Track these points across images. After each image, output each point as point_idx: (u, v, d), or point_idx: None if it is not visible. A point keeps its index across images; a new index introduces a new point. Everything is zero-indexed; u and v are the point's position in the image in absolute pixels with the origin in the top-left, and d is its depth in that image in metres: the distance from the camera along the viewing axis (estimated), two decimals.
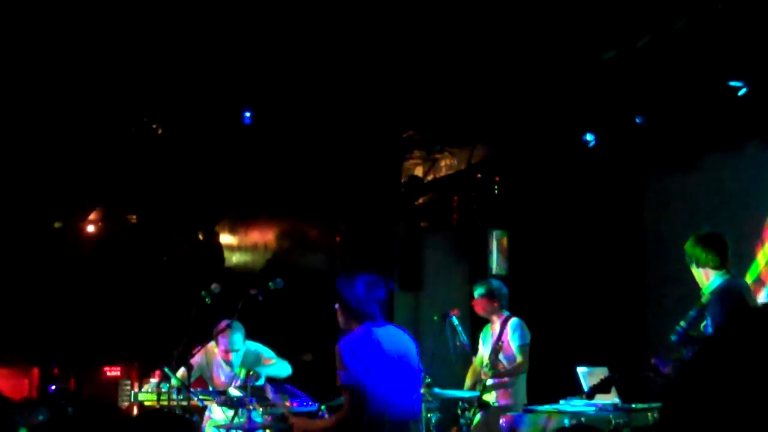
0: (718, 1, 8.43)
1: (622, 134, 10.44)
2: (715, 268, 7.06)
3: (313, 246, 14.53)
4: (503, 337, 9.58)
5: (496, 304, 9.70)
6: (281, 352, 9.67)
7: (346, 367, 5.89)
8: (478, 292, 9.78)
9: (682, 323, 6.98)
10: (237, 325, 9.13)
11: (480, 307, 9.80)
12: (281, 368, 9.41)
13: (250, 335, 9.63)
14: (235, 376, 9.37)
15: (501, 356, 9.50)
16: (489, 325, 9.88)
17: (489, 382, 9.48)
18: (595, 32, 9.34)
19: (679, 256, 7.22)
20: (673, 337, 7.00)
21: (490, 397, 9.52)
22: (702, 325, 6.97)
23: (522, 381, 9.65)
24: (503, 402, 9.51)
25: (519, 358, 9.43)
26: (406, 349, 6.27)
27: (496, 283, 9.97)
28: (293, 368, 9.48)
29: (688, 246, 7.22)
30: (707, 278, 7.08)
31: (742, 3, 8.32)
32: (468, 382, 9.83)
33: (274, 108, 11.72)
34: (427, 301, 12.86)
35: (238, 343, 9.34)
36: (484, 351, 9.82)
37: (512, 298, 9.85)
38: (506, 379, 9.52)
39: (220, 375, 9.50)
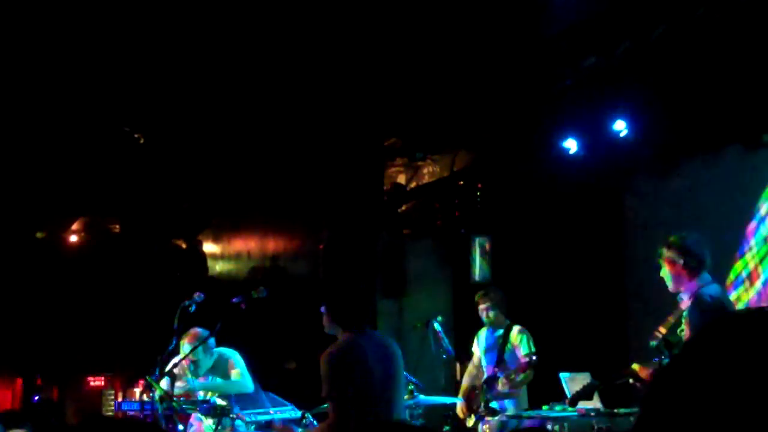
0: (697, 6, 8.48)
1: (603, 140, 10.48)
2: (691, 271, 7.01)
3: (297, 254, 14.54)
4: (512, 344, 9.61)
5: (501, 314, 9.77)
6: (265, 361, 9.65)
7: (331, 378, 5.91)
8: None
9: (662, 329, 6.98)
10: (201, 332, 9.08)
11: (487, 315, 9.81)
12: (239, 387, 9.23)
13: (233, 344, 9.61)
14: (199, 385, 9.28)
15: (510, 365, 9.53)
16: (486, 330, 9.89)
17: (498, 390, 9.49)
18: (575, 39, 9.39)
19: (658, 254, 7.22)
20: (653, 343, 6.99)
21: (497, 404, 9.53)
22: (680, 330, 6.95)
23: (524, 388, 9.70)
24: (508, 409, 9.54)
25: (527, 368, 9.42)
26: (391, 357, 6.30)
27: (500, 292, 10.00)
28: (277, 376, 9.46)
29: (664, 248, 7.14)
30: (684, 282, 7.02)
31: (721, 9, 8.37)
32: (465, 386, 9.84)
33: (256, 116, 11.73)
34: (410, 307, 12.87)
35: (202, 348, 9.19)
36: (482, 355, 9.85)
37: None
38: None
39: (188, 383, 9.43)
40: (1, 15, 9.43)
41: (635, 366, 7.11)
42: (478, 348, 10.03)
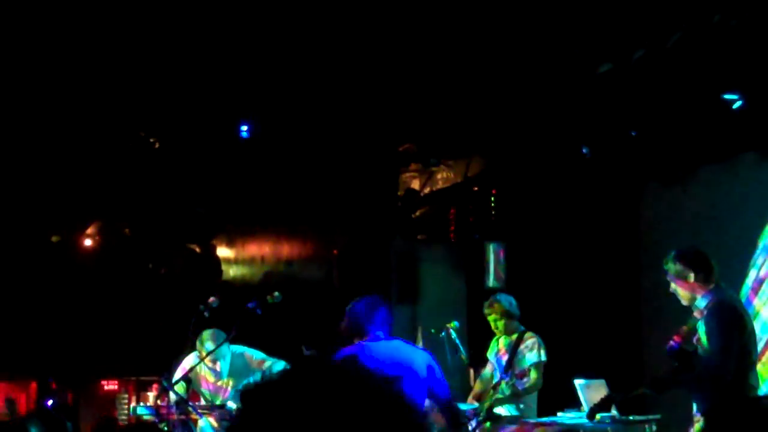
0: (713, 14, 8.47)
1: (618, 147, 10.48)
2: (704, 283, 7.02)
3: (311, 259, 14.55)
4: (521, 351, 9.58)
5: (512, 321, 9.72)
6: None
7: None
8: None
9: (676, 337, 6.98)
10: (217, 332, 9.09)
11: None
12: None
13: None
14: (221, 387, 9.31)
15: (517, 371, 9.51)
16: (500, 338, 9.86)
17: (501, 395, 9.46)
18: (590, 45, 9.38)
19: (665, 270, 7.21)
20: (668, 352, 7.00)
21: (502, 410, 9.50)
22: (695, 339, 6.96)
23: (533, 395, 9.67)
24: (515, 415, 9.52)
25: (534, 375, 9.39)
26: (409, 362, 6.34)
27: (509, 298, 9.95)
28: None
29: (671, 264, 7.15)
30: (697, 294, 7.03)
31: (737, 16, 8.36)
32: (476, 390, 9.83)
33: (271, 122, 11.74)
34: (424, 313, 12.86)
35: (220, 349, 9.21)
36: (494, 361, 9.82)
37: None
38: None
39: (207, 385, 9.45)
40: (17, 18, 9.46)
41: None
42: (492, 354, 10.00)
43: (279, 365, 9.35)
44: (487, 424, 9.23)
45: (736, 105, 9.24)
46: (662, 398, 7.97)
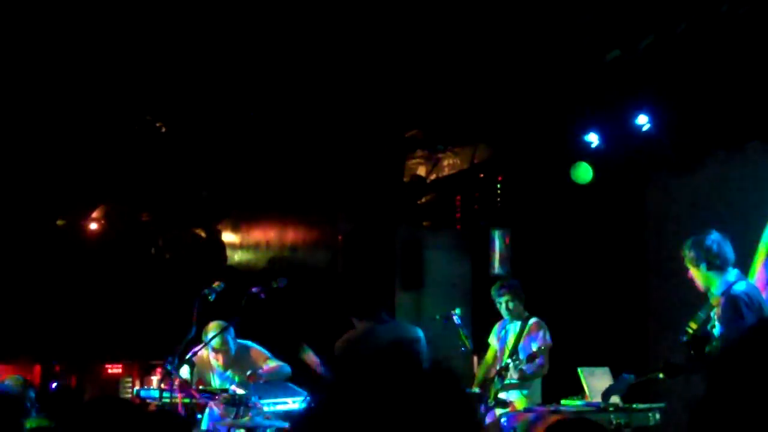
0: (721, 2, 8.44)
1: (625, 134, 10.45)
2: (720, 269, 7.00)
3: (316, 245, 14.55)
4: (526, 335, 9.59)
5: (520, 305, 9.74)
6: (283, 351, 9.65)
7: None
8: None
9: (693, 324, 6.95)
10: (223, 324, 9.08)
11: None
12: (281, 372, 9.30)
13: (252, 334, 9.63)
14: (228, 378, 9.33)
15: (522, 355, 9.51)
16: (504, 322, 9.86)
17: (509, 380, 9.47)
18: (598, 33, 9.35)
19: (682, 256, 7.21)
20: (683, 338, 6.98)
21: (509, 395, 9.52)
22: (710, 326, 6.94)
23: (537, 381, 9.68)
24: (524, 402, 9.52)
25: (541, 359, 9.39)
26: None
27: (516, 282, 9.98)
28: (294, 367, 9.45)
29: (687, 250, 7.14)
30: (713, 281, 7.01)
31: (746, 4, 8.33)
32: (479, 376, 9.83)
33: (277, 107, 11.73)
34: (429, 300, 12.87)
35: (227, 339, 9.21)
36: (498, 347, 9.83)
37: None
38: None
39: (214, 378, 9.46)
40: (26, 6, 9.46)
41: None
42: (494, 340, 10.00)
43: (285, 369, 9.29)
44: (496, 409, 9.24)
45: (744, 94, 9.20)
46: (671, 384, 7.98)
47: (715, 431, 1.64)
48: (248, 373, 8.90)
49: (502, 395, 9.44)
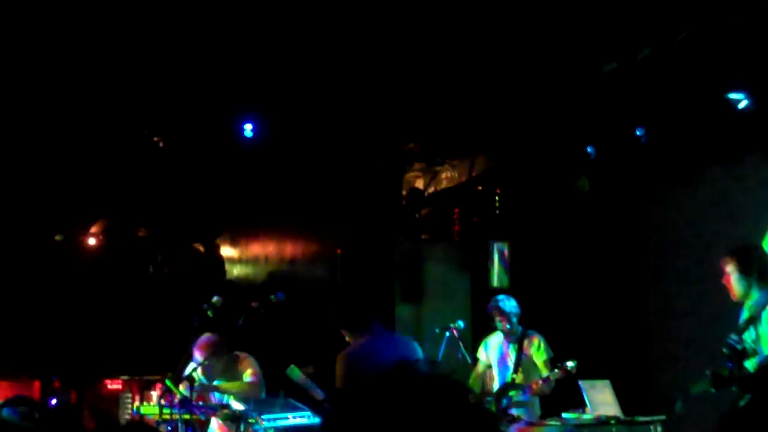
0: (718, 13, 8.44)
1: (624, 147, 10.45)
2: (760, 281, 6.98)
3: (314, 258, 14.53)
4: (526, 351, 9.55)
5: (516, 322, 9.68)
6: (283, 365, 9.60)
7: (344, 380, 5.93)
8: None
9: (734, 336, 6.92)
10: (211, 338, 9.03)
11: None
12: (248, 392, 9.09)
13: (251, 348, 9.60)
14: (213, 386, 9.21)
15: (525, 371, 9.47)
16: (497, 337, 9.81)
17: (518, 398, 9.42)
18: (595, 45, 9.36)
19: (681, 268, 7.23)
20: (725, 350, 6.94)
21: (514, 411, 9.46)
22: (748, 337, 6.91)
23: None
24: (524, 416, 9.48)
25: (547, 373, 9.32)
26: (415, 355, 6.35)
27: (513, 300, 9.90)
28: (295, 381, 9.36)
29: (729, 259, 7.09)
30: (752, 291, 6.98)
31: (743, 16, 8.33)
32: (476, 391, 9.77)
33: (275, 122, 11.73)
34: (428, 313, 12.85)
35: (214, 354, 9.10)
36: (496, 361, 9.76)
37: None
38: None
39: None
40: (22, 18, 9.46)
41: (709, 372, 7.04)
42: (486, 355, 9.91)
43: (256, 391, 9.11)
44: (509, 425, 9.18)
45: (742, 105, 9.20)
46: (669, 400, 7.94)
47: None
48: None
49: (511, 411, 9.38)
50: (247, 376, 9.10)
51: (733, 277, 7.09)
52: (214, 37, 9.85)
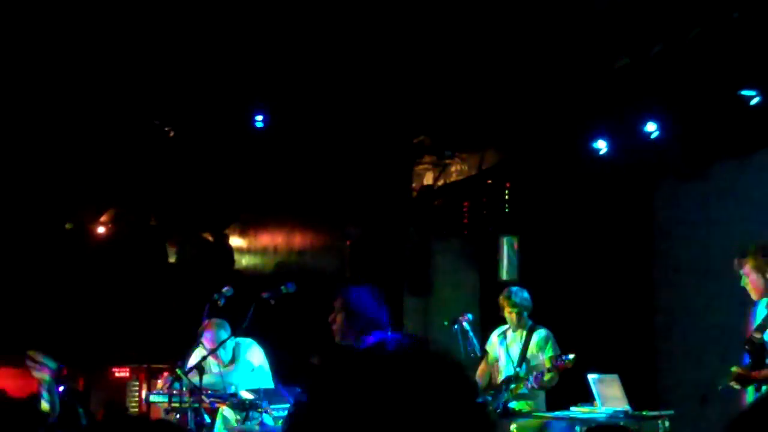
0: (732, 9, 8.44)
1: (634, 141, 10.45)
2: None
3: (323, 250, 14.55)
4: (532, 345, 9.55)
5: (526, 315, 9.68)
6: (291, 356, 9.63)
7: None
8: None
9: (756, 334, 6.93)
10: (220, 321, 9.07)
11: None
12: (262, 377, 9.14)
13: (260, 339, 9.61)
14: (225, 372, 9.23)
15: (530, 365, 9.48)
16: (504, 329, 9.81)
17: (521, 391, 9.43)
18: (608, 39, 9.36)
19: (689, 262, 7.21)
20: (747, 347, 6.96)
21: (515, 404, 9.47)
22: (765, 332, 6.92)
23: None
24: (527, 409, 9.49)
25: (562, 369, 9.32)
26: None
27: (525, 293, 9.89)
28: (303, 372, 9.38)
29: (750, 257, 7.09)
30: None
31: (756, 12, 8.33)
32: (483, 383, 9.77)
33: (285, 113, 11.75)
34: (437, 306, 12.86)
35: (223, 337, 9.14)
36: (501, 354, 9.76)
37: None
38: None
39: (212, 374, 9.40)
40: (33, 9, 9.48)
41: (735, 369, 7.05)
42: (494, 347, 9.92)
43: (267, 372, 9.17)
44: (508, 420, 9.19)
45: (754, 101, 9.19)
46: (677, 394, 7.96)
47: None
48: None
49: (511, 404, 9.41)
50: (255, 364, 9.17)
51: (751, 277, 7.09)
52: (225, 28, 9.87)
